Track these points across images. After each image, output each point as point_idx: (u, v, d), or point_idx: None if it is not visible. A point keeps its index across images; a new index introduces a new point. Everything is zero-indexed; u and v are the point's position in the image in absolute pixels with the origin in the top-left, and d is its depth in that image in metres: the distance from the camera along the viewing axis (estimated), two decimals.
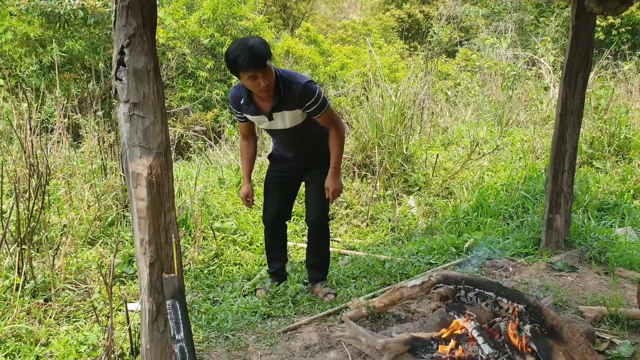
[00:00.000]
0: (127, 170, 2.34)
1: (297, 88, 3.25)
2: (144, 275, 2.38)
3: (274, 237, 3.83)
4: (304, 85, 3.26)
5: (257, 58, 3.04)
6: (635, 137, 6.94)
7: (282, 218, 3.80)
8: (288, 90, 3.25)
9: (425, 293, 3.13)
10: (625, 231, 4.66)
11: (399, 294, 3.14)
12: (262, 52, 3.06)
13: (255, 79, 3.10)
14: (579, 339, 2.65)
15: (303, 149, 3.58)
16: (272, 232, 3.81)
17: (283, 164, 3.67)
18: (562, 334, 2.63)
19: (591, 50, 4.07)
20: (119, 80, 2.26)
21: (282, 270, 3.90)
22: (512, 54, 10.58)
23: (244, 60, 3.02)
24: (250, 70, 3.05)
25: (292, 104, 3.30)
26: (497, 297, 2.82)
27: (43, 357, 2.89)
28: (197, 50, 11.04)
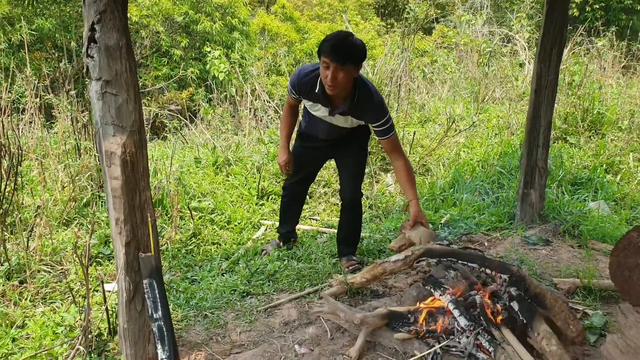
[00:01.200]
0: (101, 149, 2.30)
1: (371, 105, 3.22)
2: (120, 254, 2.36)
3: (295, 198, 3.95)
4: (379, 104, 3.24)
5: (341, 51, 2.97)
6: (608, 112, 7.05)
7: (306, 182, 3.92)
8: (362, 102, 3.20)
9: (409, 267, 3.16)
10: (598, 205, 4.75)
11: (381, 269, 3.16)
12: (350, 50, 2.99)
13: (327, 69, 3.00)
14: (561, 306, 2.73)
15: (339, 136, 3.54)
16: (294, 194, 3.91)
17: (312, 141, 3.64)
18: (545, 301, 2.71)
19: (565, 26, 4.09)
20: (91, 58, 2.22)
21: (291, 233, 4.04)
22: (488, 31, 10.61)
23: (328, 46, 2.97)
24: (327, 56, 2.97)
25: (362, 116, 3.29)
26: (481, 268, 2.87)
27: (19, 339, 2.86)
28: (171, 28, 10.87)
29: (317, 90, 3.23)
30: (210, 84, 8.59)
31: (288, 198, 3.93)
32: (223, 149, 5.85)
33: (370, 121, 3.30)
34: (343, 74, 3.00)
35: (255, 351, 2.72)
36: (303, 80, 3.29)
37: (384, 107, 3.27)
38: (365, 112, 3.26)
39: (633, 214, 4.72)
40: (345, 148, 3.58)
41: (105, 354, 2.64)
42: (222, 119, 7.08)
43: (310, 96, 3.31)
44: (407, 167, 3.39)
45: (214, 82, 8.70)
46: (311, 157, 3.74)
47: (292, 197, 3.93)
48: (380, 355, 2.70)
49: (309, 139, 3.66)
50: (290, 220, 4.02)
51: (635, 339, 2.48)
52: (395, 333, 2.75)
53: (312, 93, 3.28)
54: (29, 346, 2.77)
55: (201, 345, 2.77)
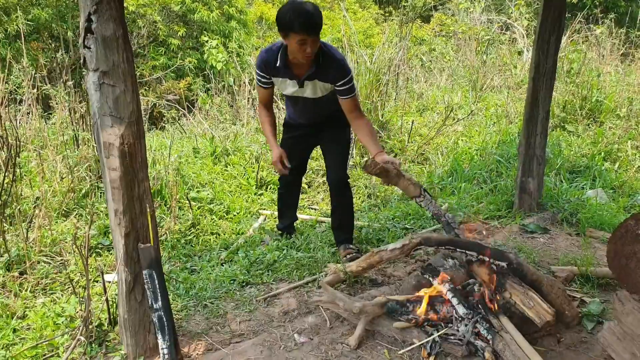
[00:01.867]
0: (99, 141, 2.30)
1: (336, 64, 3.29)
2: (119, 245, 2.37)
3: (290, 192, 4.00)
4: (342, 63, 3.31)
5: (313, 24, 3.03)
6: (606, 100, 7.04)
7: (299, 172, 3.96)
8: (326, 63, 3.27)
9: (406, 255, 3.17)
10: (596, 193, 4.76)
11: (378, 257, 3.17)
12: (318, 20, 3.05)
13: (303, 44, 3.07)
14: (557, 292, 2.76)
15: (320, 117, 3.63)
16: (289, 187, 3.96)
17: (298, 129, 3.72)
18: (542, 288, 2.74)
19: (563, 13, 4.08)
20: (87, 49, 2.21)
21: (291, 227, 4.10)
22: (486, 19, 10.56)
23: (300, 23, 3.00)
24: (303, 33, 3.03)
25: (326, 77, 3.32)
26: (479, 256, 2.88)
27: (20, 329, 2.87)
28: (168, 17, 10.79)
29: (278, 64, 3.30)
30: (208, 73, 8.56)
31: (284, 189, 3.98)
32: (221, 139, 5.84)
33: (335, 80, 3.32)
34: (317, 43, 3.14)
35: (255, 340, 2.73)
36: (265, 58, 3.36)
37: (346, 66, 3.34)
38: (329, 72, 3.31)
39: (631, 202, 4.73)
40: (329, 133, 3.68)
41: (105, 344, 2.65)
42: (220, 109, 7.06)
43: (275, 72, 3.38)
44: (369, 124, 3.47)
45: (211, 71, 8.66)
46: (299, 145, 3.78)
47: (287, 188, 3.98)
48: (379, 343, 2.72)
49: (293, 128, 3.74)
50: (289, 212, 4.06)
51: (632, 326, 2.50)
52: (395, 322, 2.77)
53: (275, 69, 3.35)
54: (30, 337, 2.77)
55: (201, 334, 2.79)
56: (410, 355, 2.62)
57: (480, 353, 2.58)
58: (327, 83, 3.37)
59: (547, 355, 2.61)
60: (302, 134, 3.72)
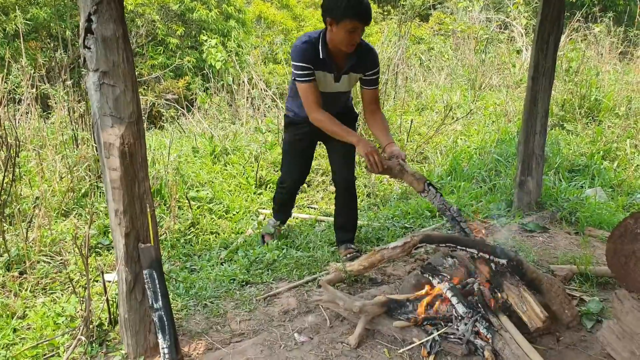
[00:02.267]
0: (99, 141, 2.30)
1: (372, 53, 3.30)
2: (119, 245, 2.37)
3: (292, 196, 4.01)
4: (376, 52, 3.34)
5: (370, 12, 3.00)
6: (605, 99, 7.05)
7: (303, 180, 3.96)
8: (364, 53, 3.24)
9: (407, 254, 3.17)
10: (595, 192, 4.77)
11: (379, 256, 3.17)
12: (370, 9, 3.01)
13: (354, 32, 3.00)
14: (557, 290, 2.77)
15: (333, 112, 3.31)
16: (291, 193, 3.96)
17: (303, 128, 3.53)
18: (541, 286, 2.75)
19: (562, 13, 4.08)
20: (88, 49, 2.21)
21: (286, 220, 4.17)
22: (485, 17, 10.57)
23: (358, 11, 2.93)
24: (357, 21, 2.96)
25: (364, 66, 3.29)
26: (480, 254, 2.88)
27: (20, 329, 2.88)
28: (166, 16, 10.80)
29: (321, 56, 3.17)
30: (207, 72, 8.56)
31: (288, 195, 3.94)
32: (221, 138, 5.85)
33: (368, 69, 3.30)
34: (363, 32, 3.10)
35: (255, 340, 2.74)
36: (307, 50, 3.16)
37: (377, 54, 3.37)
38: (367, 61, 3.28)
39: (630, 201, 4.74)
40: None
41: (106, 344, 2.66)
42: (219, 108, 7.07)
43: (318, 65, 3.19)
44: (384, 116, 3.50)
45: (210, 71, 8.66)
46: (306, 144, 3.66)
47: (291, 195, 3.96)
48: (379, 342, 2.72)
49: (298, 126, 3.57)
50: (287, 211, 4.10)
51: (632, 324, 2.51)
52: (394, 321, 2.78)
53: (319, 61, 3.18)
54: (30, 337, 2.78)
55: (201, 334, 2.79)
56: (410, 354, 2.62)
57: (480, 352, 2.59)
58: (359, 74, 3.32)
59: (547, 354, 2.62)
60: (308, 132, 3.51)
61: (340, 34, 3.02)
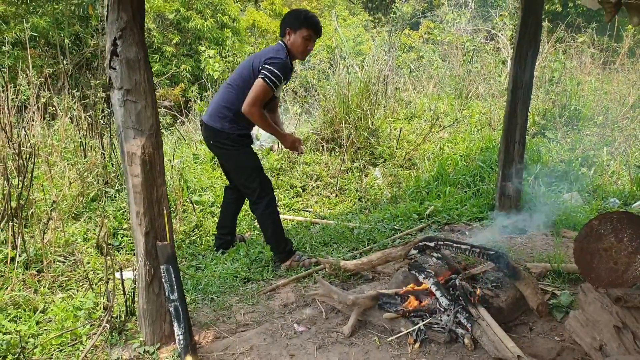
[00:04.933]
0: (123, 150, 2.60)
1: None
2: (140, 243, 2.66)
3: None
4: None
5: (321, 27, 3.71)
6: (584, 108, 7.40)
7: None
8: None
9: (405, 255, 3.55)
10: (571, 196, 5.10)
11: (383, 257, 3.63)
12: (321, 26, 3.73)
13: (309, 41, 3.66)
14: (530, 278, 3.11)
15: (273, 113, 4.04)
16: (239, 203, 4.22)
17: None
18: (520, 274, 3.08)
19: (539, 30, 4.41)
20: (113, 69, 2.51)
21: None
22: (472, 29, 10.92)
23: (313, 22, 3.63)
24: (313, 31, 3.65)
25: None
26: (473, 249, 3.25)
27: (42, 322, 3.15)
28: (162, 25, 11.07)
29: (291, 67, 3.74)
30: (205, 81, 8.84)
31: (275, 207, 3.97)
32: None
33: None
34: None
35: (258, 329, 3.03)
36: (288, 65, 3.66)
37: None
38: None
39: (604, 205, 5.08)
40: None
41: (124, 333, 2.94)
42: None
43: (289, 76, 3.74)
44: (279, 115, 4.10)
45: (208, 79, 8.95)
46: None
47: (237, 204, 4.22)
48: (370, 332, 3.02)
49: (250, 139, 3.90)
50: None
51: (594, 313, 2.82)
52: (384, 313, 3.08)
53: (290, 72, 3.74)
54: (52, 328, 3.05)
55: (209, 324, 3.08)
56: (398, 342, 2.92)
57: (460, 339, 2.90)
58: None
59: (520, 341, 2.92)
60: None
61: (297, 41, 3.65)
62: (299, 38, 3.62)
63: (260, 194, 3.80)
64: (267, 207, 3.82)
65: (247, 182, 3.81)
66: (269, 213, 3.82)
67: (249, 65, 3.66)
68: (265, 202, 3.81)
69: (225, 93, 3.74)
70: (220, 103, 3.73)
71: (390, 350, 2.85)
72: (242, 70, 3.72)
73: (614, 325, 2.68)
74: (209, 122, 3.75)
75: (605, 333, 2.71)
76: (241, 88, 3.63)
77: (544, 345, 2.91)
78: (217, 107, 3.74)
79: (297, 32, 3.61)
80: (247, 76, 3.64)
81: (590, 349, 2.77)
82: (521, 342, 2.90)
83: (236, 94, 3.65)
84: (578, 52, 9.86)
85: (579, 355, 2.80)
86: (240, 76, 3.70)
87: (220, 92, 3.80)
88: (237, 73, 3.76)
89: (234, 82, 3.72)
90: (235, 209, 4.17)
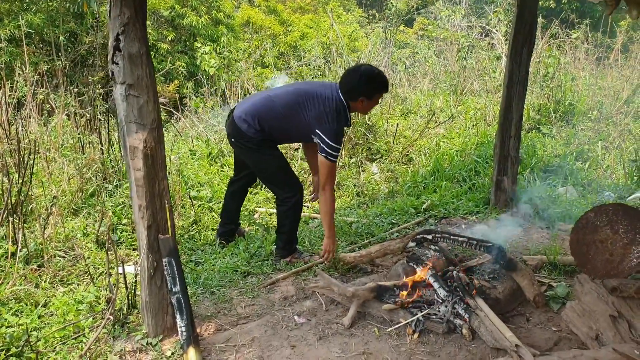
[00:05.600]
0: (125, 145, 2.62)
1: None
2: (142, 237, 2.69)
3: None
4: None
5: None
6: (578, 103, 7.47)
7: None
8: None
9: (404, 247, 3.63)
10: (566, 190, 5.15)
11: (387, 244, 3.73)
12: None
13: (378, 101, 3.71)
14: (526, 269, 3.18)
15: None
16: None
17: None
18: (516, 265, 3.13)
19: (534, 26, 4.46)
20: (116, 64, 2.53)
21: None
22: (467, 25, 10.97)
23: (387, 85, 3.57)
24: (386, 92, 3.64)
25: None
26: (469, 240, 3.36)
27: (44, 315, 3.17)
28: (157, 22, 11.06)
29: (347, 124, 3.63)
30: (200, 78, 8.85)
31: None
32: (217, 141, 6.15)
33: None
34: None
35: (259, 322, 3.07)
36: (344, 129, 3.71)
37: None
38: None
39: (598, 198, 5.13)
40: None
41: (127, 326, 2.97)
42: (213, 112, 7.37)
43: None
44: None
45: (204, 76, 8.96)
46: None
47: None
48: (370, 323, 3.06)
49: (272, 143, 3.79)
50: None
51: (590, 304, 2.88)
52: (383, 304, 3.12)
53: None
54: (54, 321, 3.07)
55: (211, 317, 3.12)
56: (397, 332, 2.96)
57: (458, 330, 2.94)
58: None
59: (517, 331, 2.97)
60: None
61: (372, 105, 3.64)
62: (373, 103, 3.62)
63: (286, 195, 3.75)
64: (292, 208, 3.78)
65: (271, 184, 3.87)
66: (292, 213, 3.80)
67: (304, 103, 3.52)
68: (290, 203, 3.76)
69: (263, 107, 3.61)
70: (256, 113, 3.59)
71: (389, 341, 2.89)
72: (295, 99, 3.56)
73: (610, 314, 2.74)
74: (236, 118, 3.62)
75: (602, 322, 2.77)
76: (283, 114, 3.56)
77: (541, 336, 2.96)
78: (252, 113, 3.59)
79: (373, 98, 3.55)
80: (294, 109, 3.54)
81: (587, 338, 2.82)
82: (519, 333, 2.95)
83: (274, 115, 3.58)
84: (572, 47, 9.94)
85: (576, 344, 2.85)
86: (288, 105, 3.56)
87: (262, 102, 3.64)
88: (288, 96, 3.60)
89: (281, 103, 3.58)
90: (239, 200, 4.19)
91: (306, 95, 3.54)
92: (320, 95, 3.52)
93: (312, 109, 3.49)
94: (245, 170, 4.01)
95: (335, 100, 3.49)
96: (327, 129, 3.45)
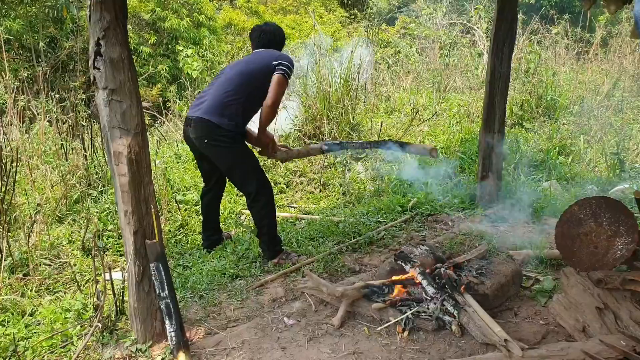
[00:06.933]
0: (109, 150, 2.60)
1: None
2: (129, 242, 2.67)
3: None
4: None
5: None
6: (560, 98, 7.54)
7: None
8: None
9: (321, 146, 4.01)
10: (550, 184, 5.20)
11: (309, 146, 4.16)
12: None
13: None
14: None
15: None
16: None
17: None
18: (408, 145, 3.39)
19: (515, 22, 4.49)
20: (97, 69, 2.51)
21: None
22: (448, 22, 11.03)
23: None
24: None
25: None
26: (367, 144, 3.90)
27: (31, 325, 3.14)
28: (138, 25, 10.99)
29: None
30: (183, 81, 8.81)
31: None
32: None
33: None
34: None
35: (249, 324, 3.06)
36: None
37: None
38: None
39: (582, 192, 5.18)
40: None
41: (115, 333, 2.94)
42: None
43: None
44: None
45: (187, 79, 8.92)
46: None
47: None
48: (359, 322, 3.07)
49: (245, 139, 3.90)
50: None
51: (576, 296, 2.91)
52: (373, 303, 3.12)
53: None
54: (42, 330, 3.04)
55: (200, 321, 3.10)
56: (387, 331, 2.97)
57: (448, 326, 2.96)
58: None
59: (506, 325, 3.00)
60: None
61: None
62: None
63: (258, 193, 3.76)
64: (265, 206, 3.79)
65: (244, 181, 3.78)
66: (266, 212, 3.79)
67: (261, 62, 3.71)
68: (263, 201, 3.77)
69: (229, 87, 3.66)
70: (223, 99, 3.62)
71: (379, 340, 2.90)
72: (248, 67, 3.72)
73: (596, 306, 2.77)
74: (205, 116, 3.59)
75: (588, 314, 2.80)
76: (252, 84, 3.67)
77: (529, 329, 2.98)
78: (218, 102, 3.62)
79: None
80: (258, 72, 3.67)
81: (574, 330, 2.85)
82: (507, 327, 2.97)
83: (245, 89, 3.65)
84: (552, 43, 10.03)
85: (563, 337, 2.88)
86: (249, 72, 3.69)
87: (221, 87, 3.68)
88: (240, 68, 3.73)
89: (240, 78, 3.68)
90: (215, 208, 4.15)
91: (260, 55, 3.82)
92: (264, 55, 3.80)
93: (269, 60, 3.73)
94: (215, 176, 4.00)
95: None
96: (283, 56, 3.75)
